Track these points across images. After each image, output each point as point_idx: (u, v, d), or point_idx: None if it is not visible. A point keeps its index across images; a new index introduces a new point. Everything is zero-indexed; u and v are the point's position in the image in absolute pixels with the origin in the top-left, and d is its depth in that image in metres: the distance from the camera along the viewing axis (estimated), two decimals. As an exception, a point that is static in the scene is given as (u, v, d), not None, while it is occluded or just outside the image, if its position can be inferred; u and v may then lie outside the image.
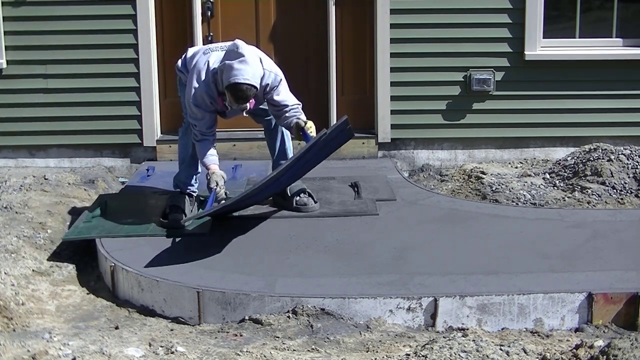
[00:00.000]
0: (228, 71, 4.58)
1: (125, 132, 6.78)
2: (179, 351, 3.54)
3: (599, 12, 7.07)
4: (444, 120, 6.90)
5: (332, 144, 4.88)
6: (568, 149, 6.84)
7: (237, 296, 3.99)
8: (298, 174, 5.01)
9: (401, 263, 4.39)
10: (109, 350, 3.52)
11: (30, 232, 5.02)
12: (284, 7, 6.90)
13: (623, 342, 3.15)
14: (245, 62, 4.58)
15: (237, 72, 4.55)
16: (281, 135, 5.27)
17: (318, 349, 3.60)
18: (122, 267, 4.33)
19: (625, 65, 6.84)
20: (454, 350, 3.31)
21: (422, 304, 3.95)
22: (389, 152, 6.96)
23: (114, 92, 6.71)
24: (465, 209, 5.37)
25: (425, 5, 6.73)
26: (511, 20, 6.75)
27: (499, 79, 6.83)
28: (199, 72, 4.77)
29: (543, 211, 5.41)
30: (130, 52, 6.70)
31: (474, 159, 6.95)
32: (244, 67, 4.56)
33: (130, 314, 4.19)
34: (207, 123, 4.82)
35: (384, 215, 5.13)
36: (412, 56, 6.79)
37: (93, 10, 6.64)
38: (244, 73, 4.55)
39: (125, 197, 5.59)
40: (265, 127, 5.30)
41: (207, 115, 4.81)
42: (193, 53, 5.02)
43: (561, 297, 3.97)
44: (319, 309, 3.91)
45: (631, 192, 5.72)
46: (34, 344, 3.65)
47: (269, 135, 5.32)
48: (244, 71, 4.56)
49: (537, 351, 3.49)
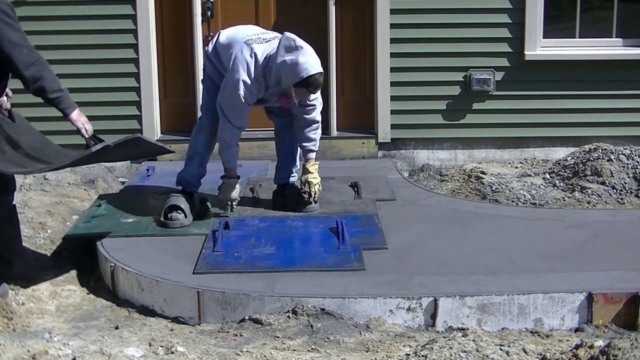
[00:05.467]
0: (295, 67, 4.58)
1: (125, 132, 6.70)
2: (179, 351, 3.54)
3: (599, 12, 7.08)
4: (444, 120, 6.91)
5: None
6: (568, 149, 6.84)
7: (237, 296, 3.99)
8: None
9: (401, 263, 4.38)
10: (109, 350, 3.52)
11: (30, 232, 5.02)
12: (283, 7, 6.90)
13: (623, 342, 3.14)
14: (308, 54, 4.63)
15: (307, 65, 4.60)
16: (291, 139, 5.24)
17: (318, 349, 3.60)
18: (122, 267, 4.33)
19: (625, 65, 6.85)
20: (454, 350, 3.31)
21: (422, 304, 3.95)
22: (389, 152, 6.96)
23: (114, 92, 6.72)
24: (465, 209, 5.37)
25: (425, 5, 6.74)
26: (511, 20, 6.75)
27: (499, 79, 6.83)
28: (247, 66, 4.69)
29: (543, 211, 5.41)
30: (130, 52, 6.71)
31: (474, 159, 6.96)
32: (309, 58, 4.62)
33: (130, 314, 4.18)
34: (245, 120, 4.82)
35: (384, 215, 5.13)
36: (412, 56, 6.79)
37: (93, 10, 6.64)
38: (313, 63, 4.63)
39: (125, 197, 5.59)
40: (279, 127, 5.26)
41: (247, 111, 4.79)
42: (228, 42, 4.88)
43: (561, 297, 3.97)
44: (319, 309, 3.91)
45: (631, 192, 5.73)
46: (34, 344, 3.65)
47: (280, 136, 5.28)
48: (312, 62, 4.63)
49: (537, 351, 3.49)
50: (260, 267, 4.31)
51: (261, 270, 4.26)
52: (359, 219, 5.02)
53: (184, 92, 6.97)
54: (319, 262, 4.35)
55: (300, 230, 4.86)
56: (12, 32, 3.83)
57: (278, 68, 4.64)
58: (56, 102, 4.06)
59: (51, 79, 4.00)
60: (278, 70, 4.64)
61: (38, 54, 3.95)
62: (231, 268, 4.30)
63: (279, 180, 5.31)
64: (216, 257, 4.42)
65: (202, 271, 4.25)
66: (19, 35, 3.86)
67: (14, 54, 3.85)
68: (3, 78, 3.99)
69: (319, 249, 4.52)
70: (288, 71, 4.61)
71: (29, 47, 3.91)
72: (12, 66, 3.89)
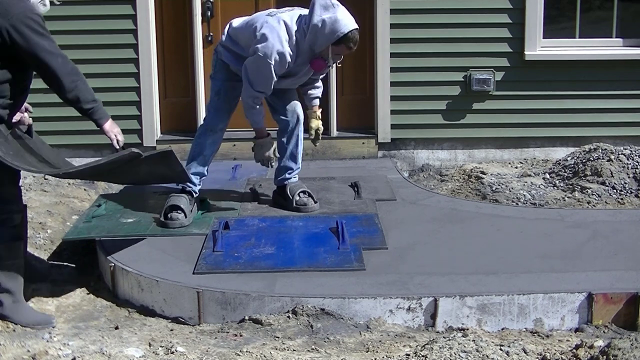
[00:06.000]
0: (334, 24, 4.60)
1: (125, 132, 6.65)
2: (179, 351, 3.53)
3: (599, 12, 7.07)
4: (444, 120, 6.90)
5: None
6: (568, 149, 6.84)
7: (237, 296, 3.99)
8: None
9: (401, 263, 4.38)
10: (109, 350, 3.52)
11: (30, 232, 5.01)
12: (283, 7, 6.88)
13: (623, 342, 3.14)
14: (344, 11, 4.69)
15: (346, 21, 4.64)
16: (296, 140, 5.24)
17: (318, 349, 3.60)
18: (122, 267, 4.33)
19: (625, 65, 6.85)
20: (454, 351, 3.31)
21: (422, 304, 3.95)
22: (389, 152, 6.96)
23: (114, 92, 6.71)
24: (465, 209, 5.37)
25: (425, 5, 6.74)
26: (511, 20, 6.75)
27: (499, 79, 6.83)
28: (277, 33, 4.66)
29: (543, 211, 5.41)
30: (130, 52, 6.71)
31: (474, 159, 6.95)
32: (346, 15, 4.68)
33: (130, 314, 4.18)
34: (269, 89, 4.81)
35: (384, 215, 5.13)
36: (412, 56, 6.79)
37: (93, 10, 6.64)
38: (351, 19, 4.68)
39: (125, 197, 5.58)
40: (282, 127, 5.24)
41: (272, 82, 4.77)
42: (245, 22, 4.89)
43: (561, 297, 3.97)
44: (319, 309, 3.91)
45: (631, 192, 5.72)
46: (34, 344, 3.65)
47: (283, 137, 5.26)
48: (349, 18, 4.68)
49: (537, 351, 3.49)
50: (260, 267, 4.31)
51: (261, 270, 4.26)
52: (359, 219, 5.02)
53: (184, 92, 6.97)
54: (319, 262, 4.35)
55: (300, 230, 4.86)
56: (47, 42, 3.85)
57: (315, 28, 4.63)
58: (90, 112, 4.08)
59: (86, 89, 4.02)
60: (315, 30, 4.64)
61: (72, 63, 3.97)
62: (231, 268, 4.30)
63: (280, 180, 5.31)
64: (216, 257, 4.42)
65: (202, 271, 4.25)
66: (53, 45, 3.88)
67: (52, 62, 3.85)
68: (22, 93, 3.99)
69: (318, 249, 4.52)
70: (328, 29, 4.61)
71: (63, 56, 3.92)
72: (51, 74, 3.88)
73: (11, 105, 3.91)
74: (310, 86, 5.19)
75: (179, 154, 6.74)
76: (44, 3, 4.00)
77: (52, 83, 3.92)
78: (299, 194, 5.21)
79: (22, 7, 3.81)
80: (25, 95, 4.06)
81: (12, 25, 3.75)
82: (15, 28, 3.75)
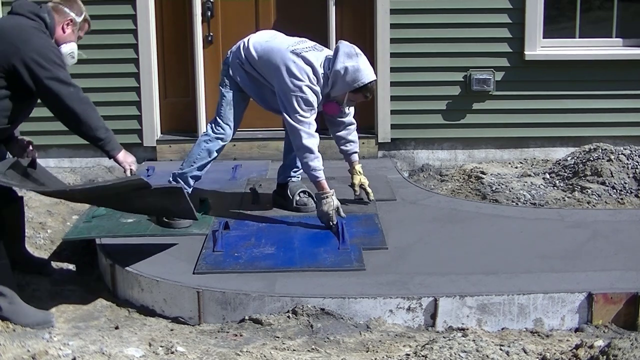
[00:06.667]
0: (356, 73, 4.71)
1: (125, 132, 6.77)
2: (179, 351, 3.54)
3: (599, 12, 7.08)
4: (444, 120, 6.91)
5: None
6: (568, 149, 6.84)
7: (237, 296, 3.99)
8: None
9: (401, 263, 4.38)
10: (109, 350, 3.52)
11: (30, 232, 5.02)
12: (284, 7, 6.90)
13: (623, 342, 3.14)
14: (366, 61, 4.79)
15: (368, 72, 4.77)
16: None
17: (318, 349, 3.60)
18: (122, 267, 4.33)
19: (625, 65, 6.85)
20: (454, 350, 3.31)
21: (422, 304, 3.95)
22: (389, 152, 6.96)
23: (114, 92, 6.72)
24: (465, 209, 5.37)
25: (425, 5, 6.74)
26: (511, 20, 6.75)
27: (499, 79, 6.83)
28: (307, 74, 4.71)
29: (543, 211, 5.41)
30: (130, 52, 6.71)
31: (474, 159, 6.96)
32: (367, 65, 4.78)
33: (130, 314, 4.18)
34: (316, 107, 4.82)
35: (384, 215, 5.13)
36: (412, 56, 6.79)
37: (93, 10, 6.55)
38: (371, 70, 4.79)
39: (125, 197, 5.58)
40: None
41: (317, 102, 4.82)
42: (265, 52, 4.86)
43: (561, 297, 3.97)
44: (319, 309, 3.91)
45: (631, 192, 5.72)
46: (34, 344, 3.65)
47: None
48: (370, 69, 4.79)
49: (537, 351, 3.49)
50: (260, 267, 4.31)
51: (261, 270, 4.27)
52: (359, 219, 5.02)
53: (184, 92, 6.97)
54: (319, 262, 4.35)
55: (300, 230, 4.86)
56: (62, 72, 3.93)
57: (337, 74, 4.72)
58: (102, 144, 4.10)
59: (97, 119, 4.05)
60: (336, 76, 4.73)
61: (84, 94, 4.02)
62: (231, 268, 4.30)
63: (283, 178, 5.31)
64: (216, 257, 4.42)
65: (202, 271, 4.25)
66: (67, 75, 3.96)
67: (63, 91, 3.91)
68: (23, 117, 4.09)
69: (318, 249, 4.52)
70: (350, 77, 4.71)
71: (75, 86, 3.99)
72: (60, 103, 3.93)
73: (8, 128, 3.99)
74: (344, 141, 5.16)
75: (179, 153, 6.79)
76: (72, 55, 4.16)
77: (62, 111, 3.96)
78: (299, 194, 5.21)
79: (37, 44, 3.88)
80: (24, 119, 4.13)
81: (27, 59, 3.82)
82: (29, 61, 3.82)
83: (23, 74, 3.83)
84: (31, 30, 3.90)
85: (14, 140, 4.20)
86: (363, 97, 4.84)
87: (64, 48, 4.09)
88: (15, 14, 3.98)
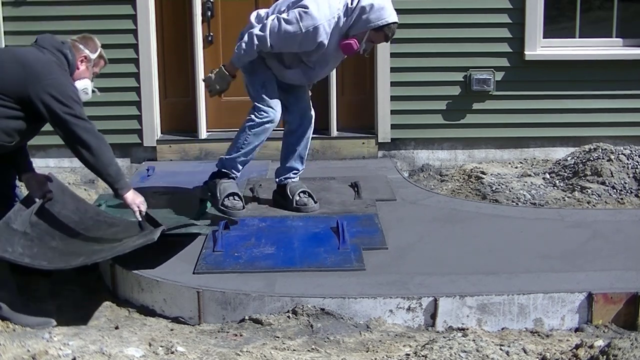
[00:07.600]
0: (381, 10, 4.64)
1: (125, 132, 6.79)
2: (179, 351, 3.54)
3: (599, 12, 7.08)
4: (444, 120, 6.91)
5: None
6: (568, 149, 6.84)
7: (237, 296, 3.99)
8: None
9: (401, 263, 4.39)
10: (109, 350, 3.52)
11: (30, 232, 5.02)
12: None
13: (623, 342, 3.15)
14: (390, 3, 4.72)
15: (392, 11, 4.70)
16: (306, 142, 5.21)
17: (318, 349, 3.60)
18: (122, 267, 4.33)
19: (625, 65, 6.85)
20: (454, 350, 3.31)
21: (422, 304, 3.95)
22: (389, 152, 6.96)
23: (114, 92, 6.70)
24: (465, 209, 5.37)
25: (425, 5, 6.74)
26: (511, 20, 6.75)
27: (499, 79, 6.83)
28: (321, 6, 4.61)
29: (543, 211, 5.41)
30: (130, 52, 6.71)
31: (474, 159, 6.96)
32: (391, 6, 4.71)
33: (130, 314, 4.18)
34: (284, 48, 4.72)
35: (384, 215, 5.13)
36: (412, 56, 6.79)
37: (93, 10, 6.64)
38: (394, 12, 4.71)
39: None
40: (293, 128, 5.19)
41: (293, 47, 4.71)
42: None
43: (561, 297, 3.97)
44: (319, 309, 3.91)
45: (631, 192, 5.73)
46: (34, 344, 3.65)
47: (292, 137, 5.21)
48: (394, 11, 4.71)
49: (537, 351, 3.50)
50: (260, 267, 4.31)
51: (261, 270, 4.27)
52: (359, 219, 5.02)
53: (184, 92, 6.97)
54: (319, 262, 4.35)
55: (300, 230, 4.86)
56: (77, 108, 4.02)
57: (363, 10, 4.64)
58: (112, 180, 4.19)
59: (110, 156, 4.14)
60: (362, 11, 4.65)
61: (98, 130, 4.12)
62: (231, 268, 4.30)
63: (282, 179, 5.29)
64: (216, 257, 4.42)
65: (202, 271, 4.26)
66: (82, 111, 4.05)
67: (80, 124, 4.01)
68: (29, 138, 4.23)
69: (318, 249, 4.52)
70: (375, 13, 4.64)
71: (88, 121, 4.08)
72: (74, 136, 4.02)
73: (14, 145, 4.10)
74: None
75: (179, 153, 6.81)
76: (86, 91, 4.27)
77: (75, 143, 4.05)
78: (299, 194, 5.21)
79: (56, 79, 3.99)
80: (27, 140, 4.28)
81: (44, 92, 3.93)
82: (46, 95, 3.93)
83: (38, 106, 3.94)
84: (53, 66, 4.02)
85: (30, 172, 4.31)
86: (384, 36, 4.75)
87: (78, 84, 4.21)
88: (39, 46, 4.10)
